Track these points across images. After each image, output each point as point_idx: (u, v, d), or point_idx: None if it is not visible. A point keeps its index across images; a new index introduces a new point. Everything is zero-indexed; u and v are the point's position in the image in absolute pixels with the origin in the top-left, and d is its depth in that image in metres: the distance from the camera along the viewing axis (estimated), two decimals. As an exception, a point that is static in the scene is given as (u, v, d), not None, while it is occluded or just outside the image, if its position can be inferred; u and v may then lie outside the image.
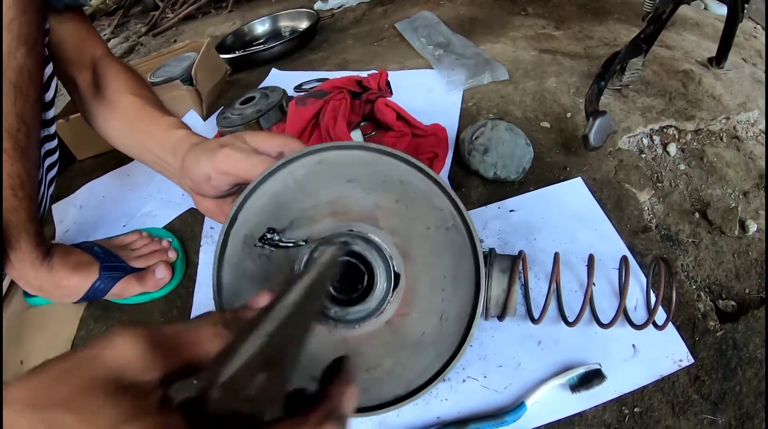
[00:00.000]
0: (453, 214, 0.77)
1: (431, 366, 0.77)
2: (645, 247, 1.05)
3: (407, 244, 0.79)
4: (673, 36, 1.73)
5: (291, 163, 0.75)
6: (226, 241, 0.77)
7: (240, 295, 0.78)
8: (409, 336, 0.78)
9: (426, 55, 1.80)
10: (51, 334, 1.12)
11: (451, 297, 0.78)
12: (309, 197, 0.77)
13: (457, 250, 0.77)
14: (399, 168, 0.76)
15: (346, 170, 0.76)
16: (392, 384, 0.77)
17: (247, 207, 0.76)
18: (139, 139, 0.98)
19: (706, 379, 0.85)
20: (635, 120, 1.35)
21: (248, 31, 2.37)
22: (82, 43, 1.05)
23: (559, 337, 0.92)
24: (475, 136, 1.22)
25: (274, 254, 0.78)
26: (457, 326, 0.77)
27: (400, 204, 0.78)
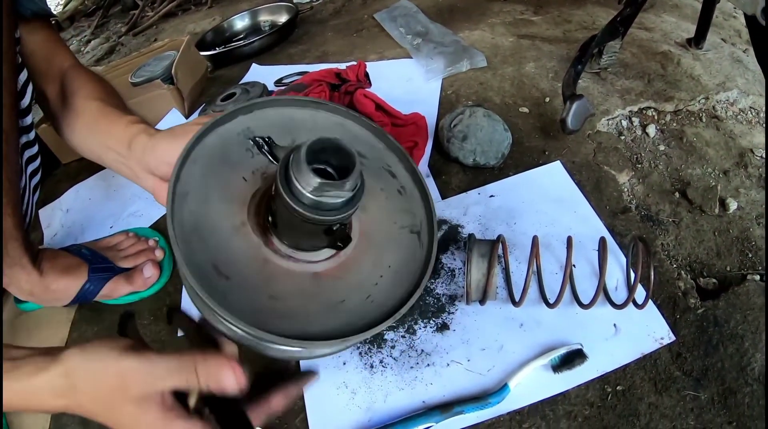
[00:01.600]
0: (423, 223, 0.82)
1: (335, 331, 0.73)
2: (625, 228, 1.05)
3: (371, 224, 0.82)
4: (652, 18, 1.74)
5: (320, 108, 0.85)
6: (233, 117, 0.81)
7: (210, 159, 0.78)
8: (329, 296, 0.77)
9: (405, 44, 1.80)
10: (43, 338, 1.12)
11: (385, 286, 0.79)
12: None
13: (412, 253, 0.81)
14: (398, 165, 0.84)
15: (355, 142, 0.83)
16: (289, 323, 0.73)
17: (266, 111, 0.83)
18: (101, 139, 0.98)
19: (687, 356, 0.86)
20: (614, 102, 1.36)
21: (228, 27, 2.36)
22: (51, 54, 1.05)
23: (540, 319, 0.93)
24: (453, 123, 1.22)
25: (256, 158, 0.80)
26: (377, 312, 0.76)
27: (382, 192, 0.82)
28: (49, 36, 1.06)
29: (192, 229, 0.74)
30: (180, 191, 0.74)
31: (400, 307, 0.75)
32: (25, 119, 0.99)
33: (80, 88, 1.03)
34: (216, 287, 0.72)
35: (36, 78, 1.04)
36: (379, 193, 0.82)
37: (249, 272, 0.75)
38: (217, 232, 0.75)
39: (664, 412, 0.81)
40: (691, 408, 0.81)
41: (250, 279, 0.75)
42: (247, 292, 0.74)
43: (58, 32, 1.10)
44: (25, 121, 0.99)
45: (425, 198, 0.83)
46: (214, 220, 0.76)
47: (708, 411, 0.80)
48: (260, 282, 0.75)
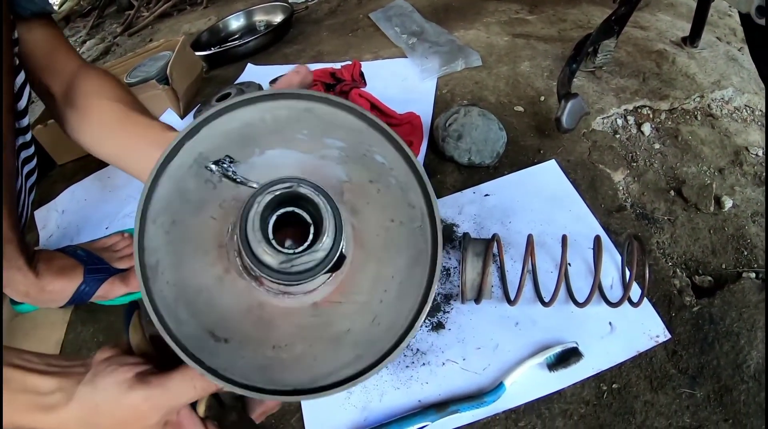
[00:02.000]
0: (424, 216, 0.72)
1: (346, 368, 0.70)
2: (620, 226, 1.05)
3: (365, 229, 0.73)
4: (647, 16, 1.74)
5: (277, 99, 0.69)
6: (178, 149, 0.68)
7: (169, 212, 0.69)
8: (333, 327, 0.72)
9: (400, 44, 1.79)
10: (40, 339, 1.12)
11: (392, 302, 0.72)
12: (280, 141, 0.71)
13: (416, 254, 0.72)
14: (385, 148, 0.72)
15: (330, 129, 0.71)
16: (297, 372, 0.70)
17: (214, 124, 0.68)
18: (124, 142, 0.96)
19: (683, 353, 0.86)
20: (609, 101, 1.36)
21: (223, 27, 2.35)
22: (54, 50, 1.04)
23: (536, 318, 0.93)
24: (448, 122, 1.22)
25: (221, 185, 0.70)
26: (387, 334, 0.71)
27: (372, 185, 0.72)
28: (52, 33, 1.05)
29: (175, 301, 0.68)
30: (149, 263, 0.68)
31: (410, 325, 0.70)
32: (22, 121, 0.99)
33: (89, 87, 1.01)
34: (218, 354, 0.69)
35: (40, 75, 1.03)
36: (369, 187, 0.73)
37: (247, 325, 0.71)
38: (202, 293, 0.69)
39: (659, 410, 0.81)
40: (686, 406, 0.81)
41: (250, 333, 0.71)
42: (250, 349, 0.70)
43: (61, 30, 1.09)
44: (22, 122, 0.99)
45: (422, 183, 0.72)
46: (194, 280, 0.69)
47: (704, 408, 0.80)
48: (261, 334, 0.71)
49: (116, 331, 1.08)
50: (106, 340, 1.07)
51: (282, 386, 0.69)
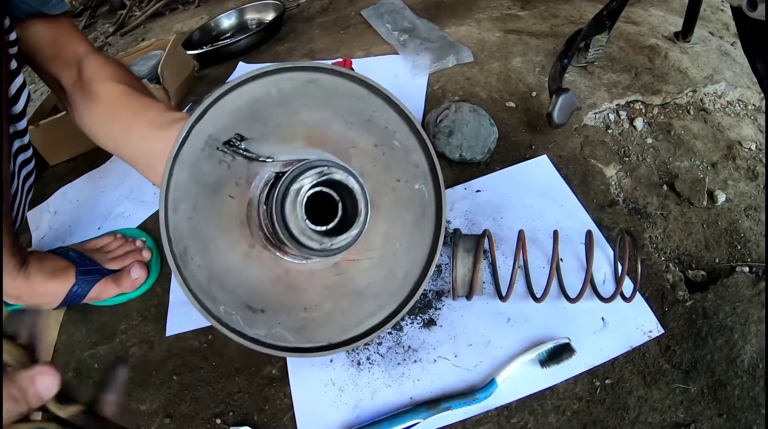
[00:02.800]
0: (426, 174, 0.78)
1: (371, 318, 0.78)
2: (612, 221, 1.05)
3: (374, 190, 0.77)
4: (639, 12, 1.73)
5: (280, 73, 0.71)
6: (188, 135, 0.70)
7: (189, 198, 0.71)
8: (355, 283, 0.78)
9: (391, 40, 1.79)
10: (33, 340, 1.10)
11: (404, 254, 0.78)
12: (288, 114, 0.73)
13: (421, 209, 0.78)
14: (387, 113, 0.76)
15: (334, 98, 0.74)
16: (328, 328, 0.77)
17: (220, 105, 0.70)
18: (125, 121, 0.94)
19: (676, 348, 0.86)
20: (601, 96, 1.35)
21: (215, 26, 2.34)
22: (59, 41, 1.03)
23: (528, 314, 0.92)
24: (439, 118, 1.21)
25: (234, 163, 0.73)
26: (404, 284, 0.77)
27: (378, 149, 0.77)
28: (56, 24, 1.03)
29: (208, 283, 0.72)
30: (178, 252, 0.71)
31: (423, 272, 0.77)
32: (19, 124, 0.98)
33: (98, 72, 1.00)
34: (257, 324, 0.73)
35: (47, 66, 1.03)
36: (376, 151, 0.78)
37: (279, 294, 0.75)
38: (232, 271, 0.73)
39: (653, 405, 0.80)
40: (680, 401, 0.80)
41: (282, 300, 0.75)
42: (284, 314, 0.75)
43: (70, 20, 1.07)
44: (19, 125, 0.98)
45: (423, 143, 0.78)
46: (223, 260, 0.73)
47: (697, 403, 0.80)
48: (292, 299, 0.75)
49: (109, 332, 1.07)
50: (99, 341, 1.06)
51: (317, 342, 0.76)
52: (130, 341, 1.05)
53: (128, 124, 0.93)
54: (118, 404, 0.79)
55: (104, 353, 1.04)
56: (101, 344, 1.06)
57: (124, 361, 0.66)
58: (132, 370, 1.00)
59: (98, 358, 1.04)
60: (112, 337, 1.07)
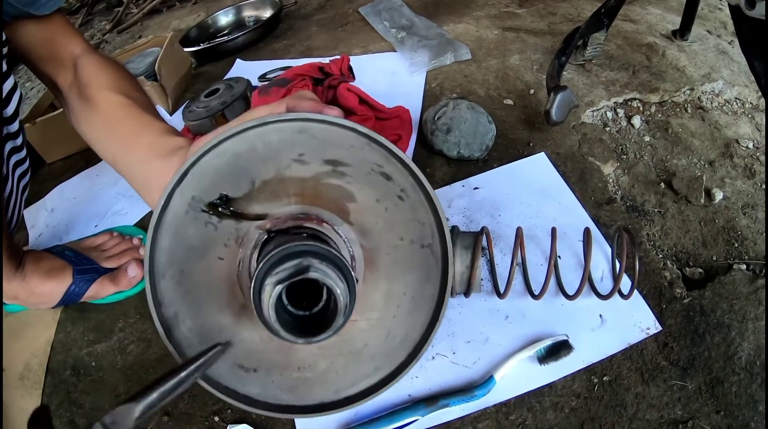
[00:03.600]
0: (434, 233, 0.71)
1: (367, 379, 0.75)
2: (610, 219, 1.05)
3: (375, 249, 0.73)
4: (637, 10, 1.73)
5: (265, 125, 0.65)
6: (170, 199, 0.66)
7: (176, 263, 0.69)
8: (351, 343, 0.75)
9: (389, 38, 1.79)
10: (30, 339, 1.11)
11: (404, 317, 0.74)
12: (277, 169, 0.68)
13: (426, 271, 0.73)
14: (390, 164, 0.68)
15: (328, 149, 0.67)
16: (322, 388, 0.75)
17: (201, 164, 0.66)
18: (124, 141, 0.91)
19: (674, 345, 0.86)
20: (599, 94, 1.35)
21: (212, 23, 2.34)
22: (53, 40, 1.00)
23: (526, 311, 0.92)
24: (437, 116, 1.21)
25: (222, 224, 0.69)
26: (402, 347, 0.74)
27: (380, 204, 0.71)
28: (50, 24, 0.99)
29: (200, 344, 0.71)
30: (168, 316, 0.70)
31: (423, 339, 0.73)
32: (11, 126, 0.97)
33: (95, 77, 0.97)
34: (250, 383, 0.73)
35: (42, 66, 1.01)
36: (377, 207, 0.71)
37: (271, 353, 0.74)
38: (224, 331, 0.71)
39: (651, 402, 0.80)
40: (678, 398, 0.80)
41: (275, 359, 0.74)
42: (277, 373, 0.74)
43: (65, 18, 1.04)
44: (12, 127, 0.97)
45: (430, 200, 0.69)
46: (214, 322, 0.71)
47: (695, 400, 0.80)
48: (285, 358, 0.74)
49: (106, 330, 1.07)
50: (96, 339, 1.06)
51: (310, 402, 0.75)
52: (127, 339, 1.05)
53: (126, 144, 0.90)
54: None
55: (102, 351, 1.04)
56: (99, 342, 1.06)
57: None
58: (129, 369, 1.00)
59: (96, 356, 1.04)
60: (109, 335, 1.06)
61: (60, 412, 0.97)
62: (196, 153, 0.65)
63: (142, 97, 1.00)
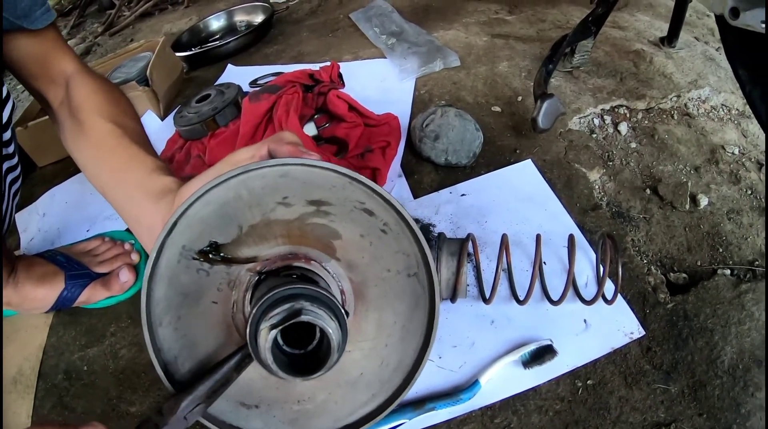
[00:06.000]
0: (419, 262, 0.72)
1: (364, 407, 0.76)
2: (595, 225, 1.06)
3: (363, 282, 0.74)
4: (626, 17, 1.75)
5: (248, 173, 0.66)
6: (161, 250, 0.67)
7: (172, 310, 0.70)
8: (347, 374, 0.76)
9: (379, 44, 1.80)
10: (22, 343, 1.11)
11: (396, 345, 0.75)
12: (262, 213, 0.69)
13: (414, 299, 0.74)
14: (372, 200, 0.68)
15: (310, 190, 0.68)
16: (322, 418, 0.77)
17: (189, 214, 0.66)
18: (113, 173, 0.90)
19: (657, 349, 0.87)
20: (586, 101, 1.37)
21: (204, 28, 2.34)
22: (46, 56, 0.98)
23: (511, 316, 0.93)
24: (425, 123, 1.22)
25: (213, 270, 0.70)
26: (396, 374, 0.75)
27: (364, 239, 0.72)
28: (42, 39, 0.97)
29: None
30: (168, 360, 0.71)
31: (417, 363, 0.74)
32: (4, 134, 0.96)
33: (86, 100, 0.96)
34: (253, 419, 0.75)
35: (33, 83, 0.99)
36: (362, 242, 0.72)
37: (271, 389, 0.75)
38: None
39: (634, 405, 0.81)
40: (661, 401, 0.81)
41: (275, 395, 0.75)
42: (278, 408, 0.76)
43: (57, 34, 1.02)
44: (4, 136, 0.96)
45: (412, 231, 0.70)
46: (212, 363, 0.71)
47: (678, 403, 0.81)
48: (284, 393, 0.76)
49: (98, 334, 1.07)
50: (88, 343, 1.06)
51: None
52: (119, 343, 1.05)
53: (115, 177, 0.89)
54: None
55: (93, 355, 1.05)
56: (91, 346, 1.06)
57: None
58: (121, 373, 1.01)
59: (87, 360, 1.04)
60: (101, 340, 1.07)
61: (52, 416, 0.97)
62: (183, 204, 0.65)
63: (134, 125, 0.98)
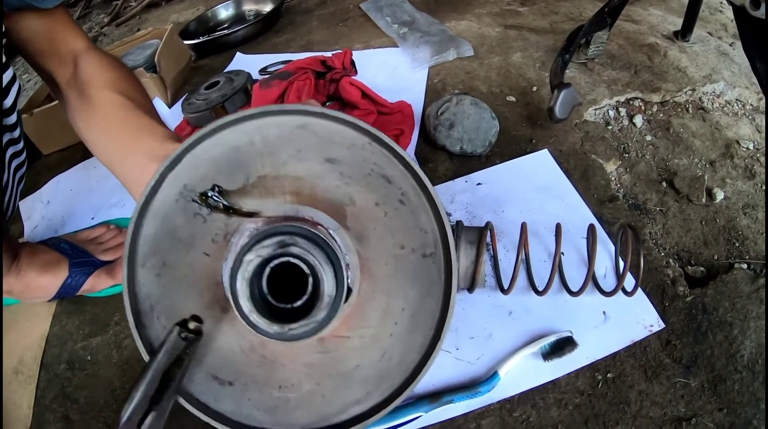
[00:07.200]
0: (437, 241, 0.65)
1: (356, 405, 0.68)
2: (612, 216, 1.05)
3: (373, 258, 0.67)
4: (638, 11, 1.74)
5: (264, 117, 0.62)
6: (160, 184, 0.64)
7: (159, 253, 0.65)
8: (341, 363, 0.68)
9: (391, 33, 1.79)
10: (24, 332, 1.10)
11: (403, 335, 0.67)
12: (273, 165, 0.64)
13: (428, 284, 0.66)
14: (393, 166, 0.64)
15: (328, 146, 0.64)
16: (305, 411, 0.68)
17: (197, 152, 0.63)
18: (124, 144, 0.88)
19: (677, 343, 0.86)
20: (601, 92, 1.35)
21: (212, 16, 2.33)
22: (55, 34, 0.97)
23: (529, 307, 0.92)
24: (440, 111, 1.21)
25: (211, 217, 0.65)
26: (398, 370, 0.67)
27: (379, 208, 0.66)
28: (52, 18, 0.97)
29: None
30: (143, 309, 0.66)
31: (422, 360, 0.65)
32: (9, 118, 0.95)
33: (96, 76, 0.95)
34: (224, 398, 0.67)
35: (41, 61, 0.98)
36: (376, 211, 0.66)
37: (251, 366, 0.68)
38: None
39: (654, 400, 0.80)
40: (681, 395, 0.80)
41: (255, 374, 0.68)
42: (255, 390, 0.68)
43: (67, 13, 1.01)
44: (9, 120, 0.95)
45: (433, 205, 0.64)
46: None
47: (698, 398, 0.80)
48: (266, 374, 0.68)
49: (102, 323, 1.06)
50: (91, 332, 1.05)
51: (290, 427, 0.67)
52: (123, 333, 1.04)
53: (125, 148, 0.88)
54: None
55: (97, 345, 1.04)
56: (94, 336, 1.05)
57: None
58: (125, 363, 1.00)
59: (91, 350, 1.03)
60: (105, 329, 1.06)
61: (54, 407, 0.96)
62: (192, 137, 0.62)
63: (143, 99, 0.97)
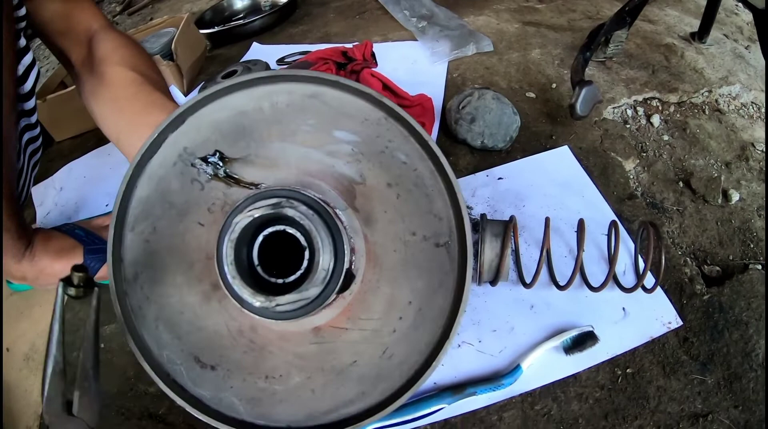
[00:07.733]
0: (452, 230, 0.61)
1: (348, 406, 0.62)
2: (632, 214, 1.06)
3: (381, 243, 0.62)
4: (655, 11, 1.74)
5: (275, 83, 0.59)
6: (159, 144, 0.61)
7: (150, 218, 0.62)
8: (336, 357, 0.63)
9: (409, 27, 1.79)
10: (36, 319, 1.09)
11: (407, 332, 0.62)
12: (281, 135, 0.61)
13: (439, 276, 0.61)
14: (408, 144, 0.59)
15: (339, 119, 0.60)
16: (291, 407, 0.63)
17: (201, 114, 0.60)
18: (134, 117, 0.91)
19: (694, 340, 0.87)
20: (619, 91, 1.36)
21: (227, 6, 2.32)
22: (72, 14, 0.99)
23: (550, 301, 0.93)
24: (461, 105, 1.22)
25: (209, 185, 0.62)
26: (398, 371, 0.62)
27: (391, 190, 0.61)
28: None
29: (155, 320, 0.62)
30: (127, 276, 0.62)
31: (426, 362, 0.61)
32: (27, 103, 0.95)
33: (110, 53, 0.97)
34: (204, 383, 0.63)
35: (57, 40, 0.99)
36: (388, 192, 0.61)
37: (237, 350, 0.63)
38: (186, 312, 0.62)
39: (672, 395, 0.81)
40: (698, 392, 0.81)
41: (240, 360, 0.63)
42: (239, 378, 0.63)
43: None
44: (27, 105, 0.95)
45: (451, 190, 0.59)
46: (178, 297, 0.62)
47: (714, 395, 0.81)
48: (252, 361, 0.63)
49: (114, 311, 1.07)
50: (105, 320, 1.05)
51: (274, 422, 0.63)
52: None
53: (134, 121, 0.90)
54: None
55: (111, 333, 1.04)
56: (108, 323, 1.05)
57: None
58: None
59: (105, 338, 1.03)
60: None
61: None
62: (196, 97, 0.59)
63: (156, 76, 0.99)
